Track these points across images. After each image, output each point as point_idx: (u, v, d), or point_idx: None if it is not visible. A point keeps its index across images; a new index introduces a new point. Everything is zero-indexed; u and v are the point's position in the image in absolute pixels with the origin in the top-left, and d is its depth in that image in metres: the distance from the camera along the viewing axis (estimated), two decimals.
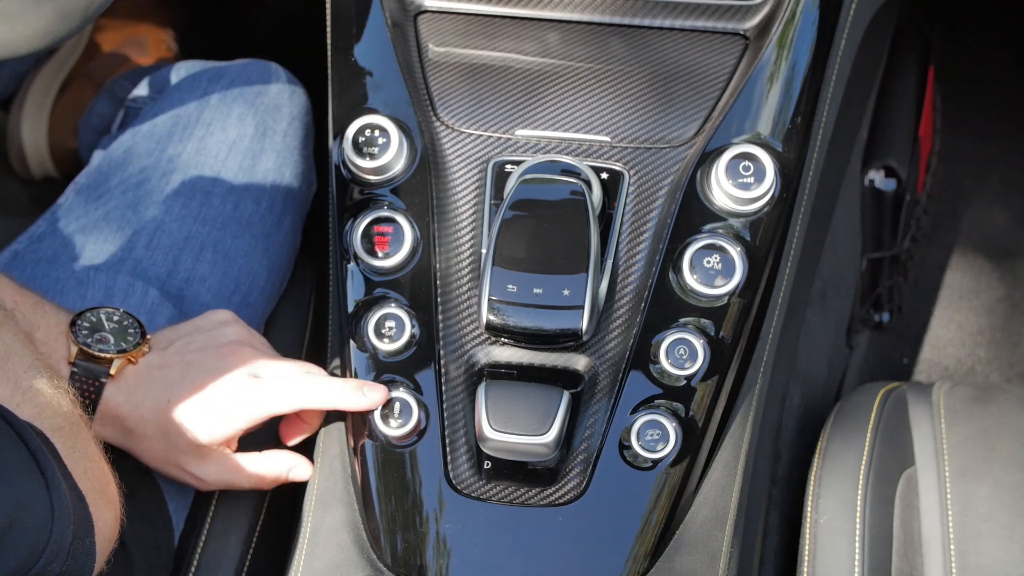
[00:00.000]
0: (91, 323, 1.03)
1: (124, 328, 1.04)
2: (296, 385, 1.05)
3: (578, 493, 1.03)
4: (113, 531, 0.91)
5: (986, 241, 1.92)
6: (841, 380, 1.71)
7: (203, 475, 1.07)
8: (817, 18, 1.15)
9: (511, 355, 1.05)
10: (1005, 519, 1.12)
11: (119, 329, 1.04)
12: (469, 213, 1.10)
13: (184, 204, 1.22)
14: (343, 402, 1.05)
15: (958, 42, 2.01)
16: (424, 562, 1.03)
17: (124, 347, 1.03)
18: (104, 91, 1.65)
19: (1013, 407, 1.21)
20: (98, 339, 1.02)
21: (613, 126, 1.12)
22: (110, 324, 1.04)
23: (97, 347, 1.02)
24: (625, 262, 1.07)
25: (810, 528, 1.15)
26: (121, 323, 1.05)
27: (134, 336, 1.04)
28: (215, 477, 1.07)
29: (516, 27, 1.18)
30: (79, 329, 1.03)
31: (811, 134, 1.15)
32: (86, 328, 1.03)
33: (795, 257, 1.14)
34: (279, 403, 1.05)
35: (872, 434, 1.19)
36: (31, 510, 0.78)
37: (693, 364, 1.04)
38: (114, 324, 1.04)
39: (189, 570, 1.11)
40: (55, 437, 0.86)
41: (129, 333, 1.04)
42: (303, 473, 1.11)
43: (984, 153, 1.99)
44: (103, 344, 1.02)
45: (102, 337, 1.03)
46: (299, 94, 1.34)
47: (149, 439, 1.04)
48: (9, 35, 0.99)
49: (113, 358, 1.02)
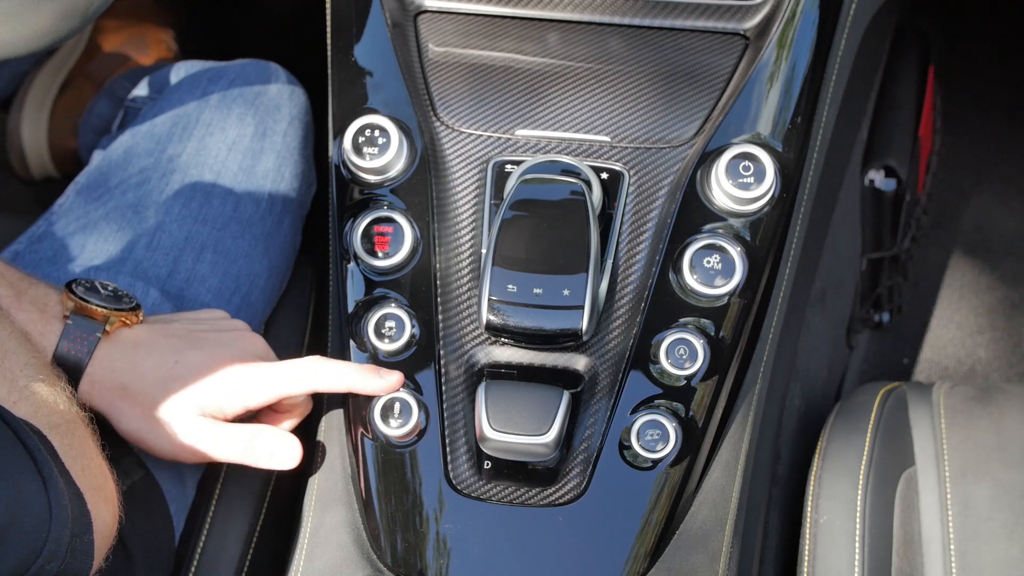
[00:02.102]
0: (85, 287, 1.04)
1: (119, 297, 1.05)
2: (312, 366, 1.03)
3: (578, 493, 1.03)
4: (111, 528, 0.91)
5: (986, 241, 1.92)
6: (841, 380, 1.71)
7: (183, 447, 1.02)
8: (817, 18, 1.15)
9: (511, 355, 1.05)
10: (1005, 519, 1.12)
11: (113, 296, 1.04)
12: (469, 213, 1.10)
13: (184, 204, 1.22)
14: (360, 385, 1.04)
15: (958, 42, 2.01)
16: (424, 562, 1.03)
17: (120, 307, 1.03)
18: (104, 91, 1.65)
19: (1013, 407, 1.21)
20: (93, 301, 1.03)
21: (613, 126, 1.12)
22: (104, 292, 1.04)
23: (95, 301, 1.02)
24: (625, 262, 1.07)
25: (810, 528, 1.15)
26: (116, 292, 1.05)
27: (128, 303, 1.05)
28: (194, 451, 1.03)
29: (516, 27, 1.18)
30: (75, 288, 1.03)
31: (811, 134, 1.15)
32: (82, 288, 1.03)
33: (795, 257, 1.14)
34: (293, 383, 1.03)
35: (872, 434, 1.19)
36: (29, 509, 0.78)
37: (693, 364, 1.04)
38: (108, 292, 1.05)
39: (189, 570, 1.11)
40: (52, 435, 0.86)
41: (123, 301, 1.05)
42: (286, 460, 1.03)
43: (984, 153, 1.99)
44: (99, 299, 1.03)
45: (97, 299, 1.03)
46: (299, 94, 1.34)
47: (142, 398, 1.01)
48: (9, 35, 0.99)
49: (109, 314, 1.02)
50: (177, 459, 1.04)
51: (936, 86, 1.92)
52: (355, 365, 1.05)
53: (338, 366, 1.04)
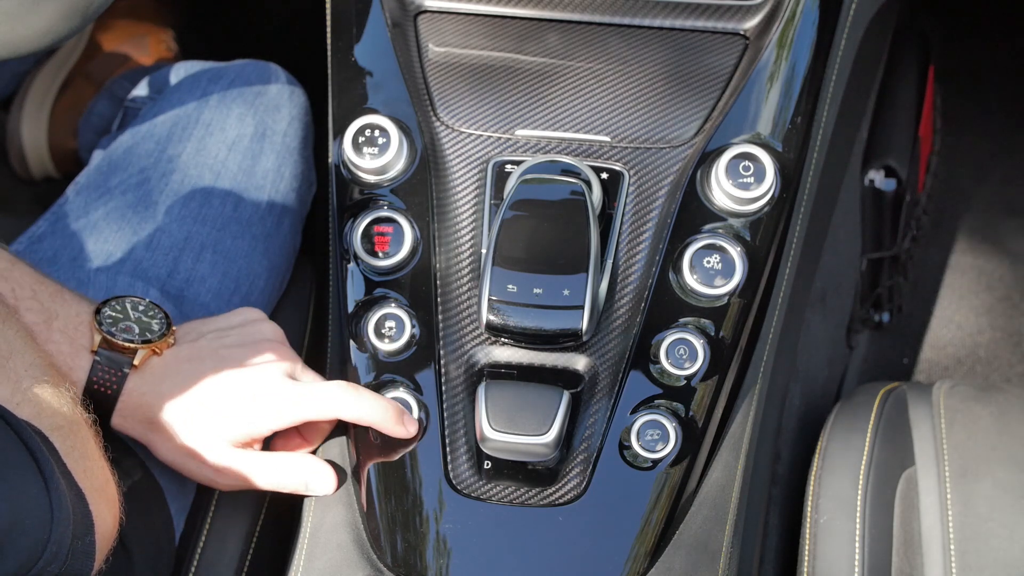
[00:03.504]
0: (116, 312, 1.02)
1: (150, 318, 1.03)
2: (336, 394, 1.02)
3: (578, 493, 1.03)
4: (112, 530, 0.91)
5: (986, 241, 1.92)
6: (841, 380, 1.71)
7: (221, 473, 1.04)
8: (817, 18, 1.15)
9: (511, 355, 1.05)
10: (1005, 519, 1.12)
11: (144, 319, 1.02)
12: (469, 213, 1.10)
13: (184, 205, 1.22)
14: (381, 424, 1.03)
15: (958, 42, 2.01)
16: (424, 562, 1.03)
17: (149, 337, 1.01)
18: (104, 91, 1.65)
19: (1013, 407, 1.21)
20: (123, 328, 1.01)
21: (613, 126, 1.12)
22: (135, 314, 1.02)
23: (122, 336, 1.00)
24: (625, 262, 1.07)
25: (810, 528, 1.15)
26: (146, 313, 1.03)
27: (160, 327, 1.02)
28: (231, 478, 1.04)
29: (516, 27, 1.18)
30: (103, 318, 1.01)
31: (811, 134, 1.15)
32: (110, 318, 1.01)
33: (795, 257, 1.14)
34: (315, 409, 1.02)
35: (872, 434, 1.19)
36: (31, 511, 0.78)
37: (693, 364, 1.04)
38: (139, 314, 1.02)
39: (189, 570, 1.11)
40: (55, 436, 0.86)
41: (155, 323, 1.03)
42: (320, 488, 1.06)
43: (984, 153, 1.99)
44: (127, 334, 1.00)
45: (127, 327, 1.01)
46: (299, 94, 1.34)
47: (172, 432, 1.01)
48: (9, 35, 0.99)
49: (137, 348, 1.00)
50: (216, 486, 1.06)
51: (936, 86, 1.92)
52: (382, 402, 1.03)
53: (364, 400, 1.03)
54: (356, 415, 1.03)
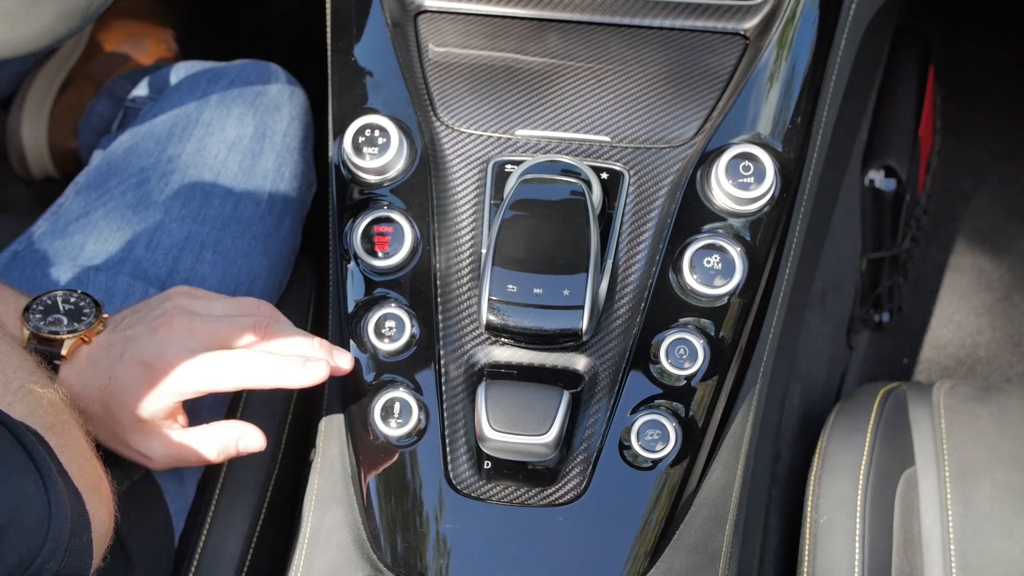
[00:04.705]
0: (45, 306, 1.03)
1: (79, 309, 1.04)
2: (231, 362, 1.00)
3: (578, 493, 1.03)
4: (108, 528, 0.91)
5: (986, 241, 1.92)
6: (841, 380, 1.71)
7: (148, 451, 1.03)
8: (817, 18, 1.15)
9: (511, 355, 1.05)
10: (1005, 519, 1.12)
11: (74, 310, 1.04)
12: (469, 213, 1.10)
13: (184, 204, 1.22)
14: (284, 380, 1.00)
15: (958, 42, 2.01)
16: (424, 562, 1.03)
17: (76, 327, 1.02)
18: (104, 91, 1.65)
19: (1013, 407, 1.21)
20: (51, 321, 1.02)
21: (613, 126, 1.12)
22: (65, 306, 1.04)
23: (48, 329, 1.02)
24: (625, 262, 1.07)
25: (810, 528, 1.15)
26: (77, 304, 1.04)
27: (88, 316, 1.04)
28: (161, 453, 1.04)
29: (516, 27, 1.18)
30: (32, 312, 1.03)
31: (811, 134, 1.15)
32: (40, 311, 1.03)
33: (795, 257, 1.14)
34: (213, 380, 1.00)
35: (872, 434, 1.19)
36: (29, 508, 0.78)
37: (693, 364, 1.04)
38: (69, 306, 1.04)
39: (189, 570, 1.11)
40: (48, 435, 0.86)
41: (84, 313, 1.04)
42: (253, 443, 1.05)
43: (984, 153, 1.99)
44: (55, 326, 1.02)
45: (55, 319, 1.03)
46: (299, 94, 1.34)
47: (97, 418, 1.02)
48: (9, 35, 0.99)
49: (64, 339, 1.01)
50: (149, 465, 1.06)
51: (936, 86, 1.92)
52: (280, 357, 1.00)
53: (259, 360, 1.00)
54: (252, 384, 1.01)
